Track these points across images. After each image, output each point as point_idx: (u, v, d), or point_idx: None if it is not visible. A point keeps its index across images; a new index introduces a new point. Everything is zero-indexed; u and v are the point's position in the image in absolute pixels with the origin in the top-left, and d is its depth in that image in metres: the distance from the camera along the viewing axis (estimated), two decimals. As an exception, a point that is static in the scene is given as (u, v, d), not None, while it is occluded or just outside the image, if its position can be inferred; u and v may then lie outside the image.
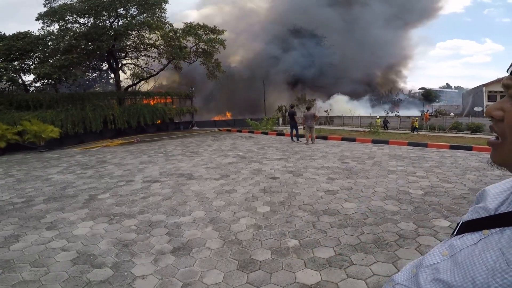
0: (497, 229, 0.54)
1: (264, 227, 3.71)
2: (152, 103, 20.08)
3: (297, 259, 2.92)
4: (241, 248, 3.21)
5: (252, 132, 16.51)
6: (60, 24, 17.45)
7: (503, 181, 0.64)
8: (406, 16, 52.30)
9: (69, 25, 17.73)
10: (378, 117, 26.14)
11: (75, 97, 16.96)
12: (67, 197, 5.32)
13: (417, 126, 20.18)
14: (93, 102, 16.79)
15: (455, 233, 0.64)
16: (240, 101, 39.86)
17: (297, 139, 12.01)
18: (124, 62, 21.86)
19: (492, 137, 0.57)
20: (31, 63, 16.99)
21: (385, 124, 23.41)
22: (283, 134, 14.56)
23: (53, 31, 17.38)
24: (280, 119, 23.91)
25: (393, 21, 50.67)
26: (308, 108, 12.34)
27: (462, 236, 0.61)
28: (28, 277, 2.78)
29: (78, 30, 17.67)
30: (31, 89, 18.09)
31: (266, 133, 15.58)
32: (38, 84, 18.08)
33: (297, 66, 44.01)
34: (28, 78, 18.12)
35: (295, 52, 44.04)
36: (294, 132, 12.09)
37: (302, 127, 11.80)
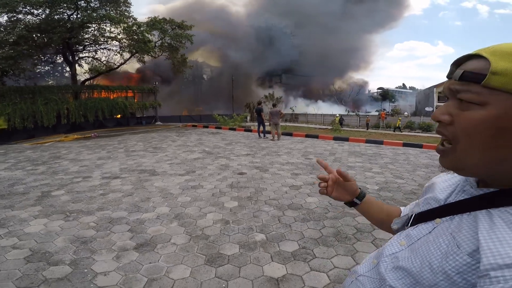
0: (447, 217, 0.59)
1: (232, 222, 3.73)
2: (112, 97, 19.09)
3: (264, 253, 2.98)
4: (208, 243, 3.20)
5: (220, 128, 16.39)
6: (10, 16, 15.99)
7: (450, 175, 0.70)
8: (371, 22, 55.06)
9: (20, 16, 16.32)
10: (337, 115, 27.37)
11: (25, 90, 15.65)
12: (16, 194, 4.90)
13: (399, 126, 21.14)
14: (46, 95, 15.56)
15: (409, 224, 0.69)
16: (208, 96, 39.33)
17: (264, 135, 12.16)
18: (81, 55, 20.55)
19: (439, 145, 0.59)
20: None
21: (341, 122, 24.54)
22: (250, 130, 14.64)
23: (1, 22, 15.97)
24: (248, 116, 23.99)
25: (359, 27, 53.10)
26: (274, 105, 12.53)
27: (417, 226, 0.65)
28: (-25, 278, 2.54)
29: (31, 22, 16.29)
30: None
31: (234, 129, 15.56)
32: None
33: (267, 63, 44.42)
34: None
35: (265, 49, 44.40)
36: (261, 128, 12.22)
37: (268, 123, 11.98)
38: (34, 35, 16.13)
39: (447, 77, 0.57)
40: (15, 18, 16.25)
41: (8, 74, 16.17)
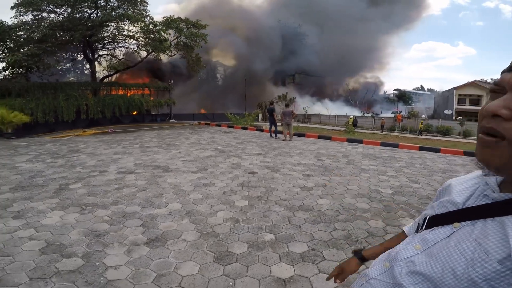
0: (468, 222, 0.57)
1: (242, 221, 3.75)
2: (128, 94, 19.61)
3: (272, 253, 2.98)
4: (217, 240, 3.23)
5: (232, 127, 16.48)
6: (35, 14, 16.69)
7: (467, 177, 0.68)
8: (387, 23, 53.80)
9: (44, 15, 17.07)
10: (351, 116, 27.06)
11: (47, 86, 16.34)
12: (36, 186, 5.09)
13: (421, 129, 20.48)
14: (67, 91, 16.25)
15: (423, 227, 0.67)
16: (221, 95, 39.54)
17: (276, 135, 12.13)
18: (100, 53, 21.19)
19: (484, 135, 0.54)
20: (1, 52, 16.20)
21: (354, 123, 24.24)
22: (262, 130, 14.64)
23: (26, 21, 16.67)
24: (260, 115, 23.99)
25: (375, 28, 52.04)
26: (287, 105, 12.48)
27: (433, 229, 0.63)
28: (-9, 267, 2.65)
29: (54, 20, 16.99)
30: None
31: (246, 128, 15.60)
32: (7, 72, 17.31)
33: (281, 63, 44.22)
34: (-3, 67, 17.30)
35: (279, 49, 44.17)
36: (273, 128, 12.20)
37: (280, 123, 11.94)
38: (57, 33, 16.75)
39: (510, 69, 0.53)
40: (39, 16, 16.94)
41: (32, 70, 16.87)
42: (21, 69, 16.69)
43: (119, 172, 6.15)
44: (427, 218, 0.68)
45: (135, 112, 19.54)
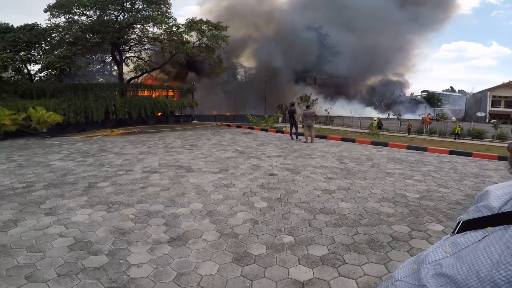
0: (501, 227, 0.56)
1: (261, 222, 3.75)
2: (153, 96, 20.22)
3: (291, 255, 2.96)
4: (237, 241, 3.25)
5: (252, 128, 16.53)
6: (67, 17, 17.66)
7: (506, 183, 0.66)
8: (416, 24, 51.81)
9: (75, 17, 18.03)
10: (376, 118, 26.29)
11: (79, 87, 17.22)
12: (67, 184, 5.37)
13: (459, 132, 19.62)
14: (96, 92, 17.03)
15: (456, 231, 0.66)
16: (242, 96, 39.75)
17: (297, 137, 12.03)
18: (127, 55, 22.02)
19: None
20: (36, 54, 17.24)
21: (379, 126, 23.53)
22: (282, 132, 14.57)
23: (59, 24, 17.70)
24: (280, 118, 23.87)
25: (401, 29, 50.36)
26: (308, 107, 12.35)
27: (465, 233, 0.62)
28: (24, 262, 2.81)
29: (85, 23, 17.88)
30: (35, 79, 18.36)
31: (266, 130, 15.59)
32: (42, 74, 18.45)
33: (302, 64, 43.82)
34: (34, 68, 18.56)
35: (301, 49, 43.74)
36: (294, 130, 12.10)
37: (301, 125, 11.82)
38: (87, 36, 17.60)
39: None
40: (71, 19, 17.89)
41: (65, 72, 17.83)
42: (54, 71, 17.70)
43: (144, 171, 6.35)
44: (461, 223, 0.67)
45: (159, 113, 20.12)
